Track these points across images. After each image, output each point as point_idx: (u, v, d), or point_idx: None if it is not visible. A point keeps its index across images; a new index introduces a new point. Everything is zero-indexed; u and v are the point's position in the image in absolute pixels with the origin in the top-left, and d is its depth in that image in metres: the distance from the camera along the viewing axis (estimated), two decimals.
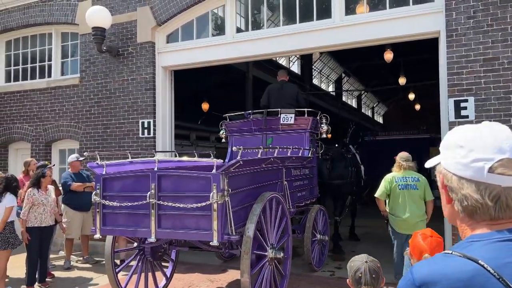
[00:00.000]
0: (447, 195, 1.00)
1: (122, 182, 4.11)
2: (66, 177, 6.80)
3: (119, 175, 4.12)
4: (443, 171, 1.00)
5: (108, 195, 4.10)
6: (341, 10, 6.43)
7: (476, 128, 1.00)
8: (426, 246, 2.05)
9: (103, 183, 4.13)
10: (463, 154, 0.96)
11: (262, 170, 4.52)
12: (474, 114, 5.38)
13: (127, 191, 4.03)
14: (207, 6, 7.37)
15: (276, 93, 6.93)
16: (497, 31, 5.31)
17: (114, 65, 7.81)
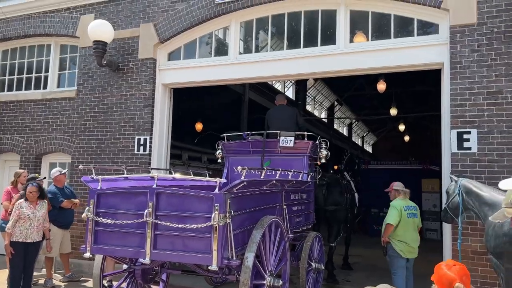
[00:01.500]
0: None
1: (117, 199, 3.92)
2: (56, 192, 6.53)
3: (115, 191, 3.94)
4: None
5: (101, 212, 3.91)
6: (346, 37, 6.46)
7: None
8: (454, 276, 1.96)
9: (97, 198, 3.94)
10: None
11: (263, 193, 4.38)
12: (476, 146, 5.35)
13: (122, 208, 3.83)
14: (211, 27, 7.37)
15: (275, 117, 6.88)
16: (501, 66, 5.34)
17: (113, 79, 7.70)
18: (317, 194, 7.13)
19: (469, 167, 5.37)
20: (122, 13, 7.82)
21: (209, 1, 7.13)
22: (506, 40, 5.35)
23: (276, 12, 7.04)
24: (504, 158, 5.22)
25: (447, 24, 5.72)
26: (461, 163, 5.42)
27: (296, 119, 6.76)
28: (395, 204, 5.51)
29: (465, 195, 4.64)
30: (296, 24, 6.94)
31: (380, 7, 6.26)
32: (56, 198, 6.44)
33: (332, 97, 24.31)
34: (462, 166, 5.41)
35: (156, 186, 3.69)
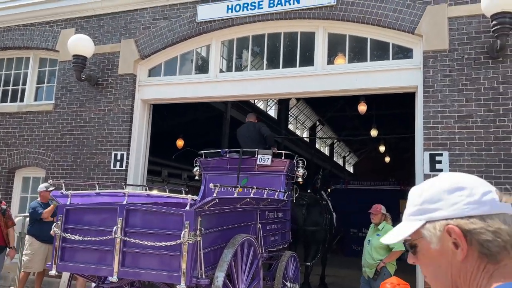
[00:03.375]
0: (465, 244, 0.86)
1: (86, 215, 3.85)
2: (36, 206, 6.41)
3: (84, 206, 3.87)
4: (451, 222, 0.87)
5: (70, 228, 3.82)
6: (324, 58, 6.60)
7: (451, 174, 0.97)
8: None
9: (66, 214, 3.86)
10: (468, 193, 0.89)
11: (236, 211, 4.37)
12: (448, 168, 5.46)
13: (91, 224, 3.76)
14: (193, 45, 7.43)
15: (243, 135, 6.92)
16: (471, 91, 5.52)
17: (91, 94, 7.65)
18: (297, 214, 7.13)
19: None
20: (103, 28, 7.83)
21: (190, 20, 7.21)
22: (476, 66, 5.55)
23: (257, 33, 7.16)
24: None
25: (421, 49, 5.91)
26: None
27: (259, 132, 6.78)
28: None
29: None
30: (276, 44, 7.06)
31: (357, 31, 6.43)
32: (36, 211, 6.32)
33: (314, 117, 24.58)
34: None
35: (126, 203, 3.64)
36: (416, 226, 0.93)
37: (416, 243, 0.94)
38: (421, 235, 0.92)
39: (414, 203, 0.96)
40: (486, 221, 0.86)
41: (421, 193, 0.95)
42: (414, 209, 0.95)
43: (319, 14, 6.43)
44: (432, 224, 0.90)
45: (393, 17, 6.00)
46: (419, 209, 0.94)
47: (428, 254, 0.92)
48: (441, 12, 5.76)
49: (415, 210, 0.95)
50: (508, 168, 5.23)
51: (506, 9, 5.00)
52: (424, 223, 0.92)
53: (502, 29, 5.07)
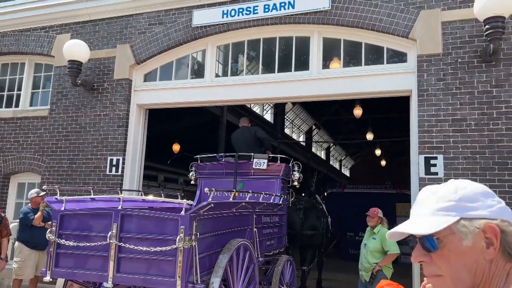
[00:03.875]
0: (498, 244, 0.92)
1: (81, 220, 3.83)
2: (27, 211, 6.36)
3: (79, 212, 3.86)
4: (491, 223, 0.92)
5: (64, 234, 3.81)
6: (319, 63, 6.63)
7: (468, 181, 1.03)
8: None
9: (61, 220, 3.84)
10: (498, 200, 0.97)
11: (232, 215, 4.37)
12: (443, 171, 5.49)
13: (86, 230, 3.74)
14: (188, 50, 7.45)
15: (237, 139, 6.94)
16: (465, 94, 5.56)
17: (87, 99, 7.65)
18: (294, 218, 7.13)
19: None
20: (99, 34, 7.84)
21: (186, 25, 7.24)
22: (470, 70, 5.59)
23: (252, 38, 7.19)
24: None
25: (415, 53, 5.95)
26: None
27: (255, 135, 6.80)
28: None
29: None
30: (272, 49, 7.09)
31: (351, 35, 6.46)
32: (27, 217, 6.26)
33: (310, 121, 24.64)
34: None
35: (121, 208, 3.63)
36: (451, 221, 0.93)
37: (442, 238, 0.93)
38: (453, 230, 0.93)
39: (447, 198, 0.96)
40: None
41: (455, 191, 0.97)
42: (447, 204, 0.95)
43: (314, 19, 6.46)
44: (468, 221, 0.92)
45: (387, 22, 6.05)
46: (456, 205, 0.95)
47: (457, 250, 0.93)
48: (435, 17, 5.81)
49: (449, 205, 0.95)
50: (502, 171, 5.27)
51: (498, 13, 5.05)
52: (459, 219, 0.93)
53: (495, 33, 5.12)
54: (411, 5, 5.98)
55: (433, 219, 0.95)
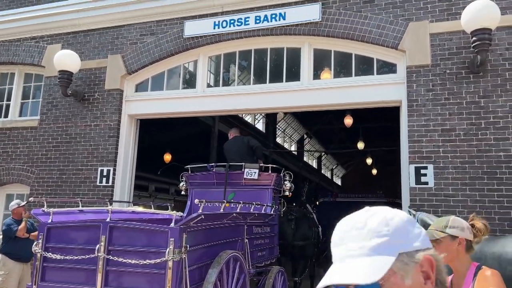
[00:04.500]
0: (434, 275, 0.86)
1: (69, 233, 3.77)
2: (10, 223, 6.26)
3: (66, 224, 3.81)
4: (427, 252, 0.86)
5: (51, 247, 3.74)
6: (310, 74, 6.67)
7: (384, 208, 0.93)
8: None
9: (47, 232, 3.78)
10: (418, 226, 0.91)
11: (223, 226, 4.34)
12: (433, 181, 5.53)
13: (74, 243, 3.68)
14: (180, 60, 7.46)
15: (230, 149, 6.93)
16: (454, 105, 5.62)
17: (77, 109, 7.61)
18: (285, 229, 7.11)
19: (427, 201, 5.53)
20: (90, 44, 7.83)
21: (177, 35, 7.26)
22: (458, 81, 5.66)
23: (244, 48, 7.22)
24: (458, 193, 5.41)
25: (404, 64, 6.02)
26: (419, 197, 5.57)
27: (248, 144, 6.80)
28: None
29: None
30: (263, 60, 7.13)
31: (342, 46, 6.53)
32: (10, 229, 6.16)
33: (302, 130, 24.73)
34: (420, 200, 5.56)
35: (109, 220, 3.59)
36: (391, 261, 0.80)
37: (384, 283, 0.79)
38: (394, 270, 0.80)
39: (379, 233, 0.83)
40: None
41: (386, 223, 0.84)
42: (382, 240, 0.82)
43: (305, 30, 6.52)
44: (407, 257, 0.82)
45: (376, 33, 6.12)
46: (391, 240, 0.82)
47: None
48: (423, 29, 5.90)
49: (384, 241, 0.82)
50: (491, 180, 5.31)
51: (485, 25, 5.14)
52: (398, 256, 0.81)
53: (482, 45, 5.20)
54: (400, 17, 6.06)
55: (370, 262, 0.81)
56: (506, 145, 5.33)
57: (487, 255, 4.06)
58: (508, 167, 5.28)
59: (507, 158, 5.29)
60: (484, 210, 5.26)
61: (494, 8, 5.13)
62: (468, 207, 5.32)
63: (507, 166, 5.28)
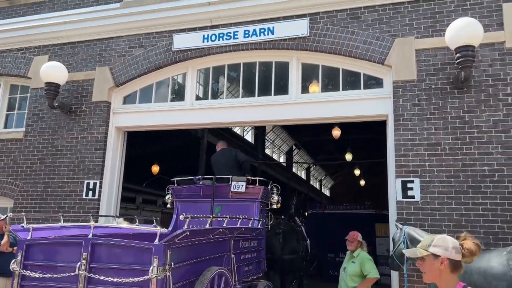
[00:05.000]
0: None
1: (49, 250, 3.62)
2: None
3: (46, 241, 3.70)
4: None
5: (30, 264, 3.62)
6: (298, 87, 6.72)
7: None
8: None
9: (26, 249, 3.67)
10: None
11: (209, 242, 4.30)
12: (419, 195, 5.57)
13: (54, 260, 3.55)
14: (169, 73, 7.46)
15: (217, 161, 6.91)
16: (439, 119, 5.70)
17: (64, 121, 7.54)
18: (273, 242, 7.05)
19: (413, 215, 5.56)
20: (77, 56, 7.79)
21: (166, 48, 7.27)
22: (443, 96, 5.75)
23: (232, 62, 7.25)
24: (444, 207, 5.46)
25: (391, 79, 6.09)
26: (406, 211, 5.60)
27: (236, 158, 6.79)
28: (368, 256, 5.68)
29: (410, 243, 4.76)
30: (252, 73, 7.16)
31: (329, 61, 6.59)
32: None
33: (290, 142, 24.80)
34: (407, 213, 5.59)
35: (91, 236, 3.52)
36: None
37: None
38: None
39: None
40: None
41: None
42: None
43: (293, 45, 6.58)
44: None
45: (363, 49, 6.20)
46: None
47: None
48: (409, 45, 5.99)
49: None
50: (475, 194, 5.38)
51: (468, 42, 5.24)
52: None
53: (466, 62, 5.30)
54: (386, 33, 6.16)
55: None
56: (490, 160, 5.40)
57: (473, 270, 4.08)
58: (492, 181, 5.35)
59: (491, 172, 5.37)
60: (469, 224, 5.31)
61: (477, 26, 5.24)
62: (453, 221, 5.37)
63: (491, 180, 5.35)
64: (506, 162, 5.33)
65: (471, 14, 5.77)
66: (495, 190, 5.30)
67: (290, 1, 6.62)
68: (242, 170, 6.67)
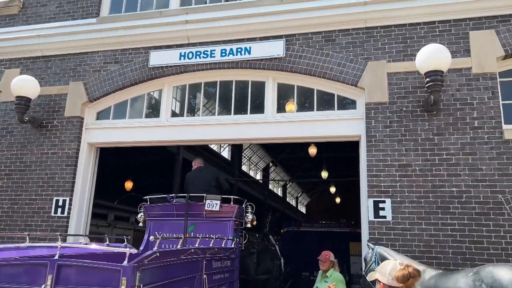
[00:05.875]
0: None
1: (12, 271, 3.49)
2: None
3: (9, 262, 3.56)
4: None
5: None
6: (274, 107, 6.78)
7: None
8: None
9: None
10: None
11: (180, 262, 4.23)
12: (391, 215, 5.66)
13: (18, 282, 3.40)
14: (144, 89, 7.42)
15: (194, 179, 6.85)
16: (410, 141, 5.85)
17: (34, 137, 7.35)
18: (247, 262, 6.99)
19: (385, 235, 5.63)
20: (50, 70, 7.66)
21: (142, 65, 7.24)
22: (414, 118, 5.91)
23: (209, 80, 7.28)
24: (415, 227, 5.55)
25: (363, 101, 6.23)
26: (377, 231, 5.67)
27: (217, 179, 6.76)
28: (341, 277, 5.71)
29: (381, 262, 4.81)
30: (228, 91, 7.19)
31: (304, 82, 6.70)
32: None
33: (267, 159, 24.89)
34: (379, 233, 5.66)
35: (58, 257, 3.41)
36: None
37: None
38: None
39: None
40: None
41: None
42: None
43: (269, 65, 6.67)
44: None
45: (337, 71, 6.34)
46: None
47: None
48: (381, 68, 6.17)
49: None
50: (444, 215, 5.50)
51: (437, 67, 5.44)
52: None
53: (435, 86, 5.49)
54: (360, 56, 6.32)
55: None
56: (458, 181, 5.56)
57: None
58: (460, 202, 5.49)
59: (459, 193, 5.52)
60: (438, 244, 5.42)
61: (445, 52, 5.45)
62: (423, 241, 5.46)
63: (459, 201, 5.50)
64: (473, 184, 5.50)
65: (440, 41, 6.01)
66: (463, 211, 5.45)
67: (267, 22, 6.73)
68: (220, 190, 6.61)
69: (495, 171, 5.49)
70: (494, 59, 5.84)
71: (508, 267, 3.83)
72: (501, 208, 5.36)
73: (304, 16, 6.58)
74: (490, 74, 5.82)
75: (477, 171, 5.54)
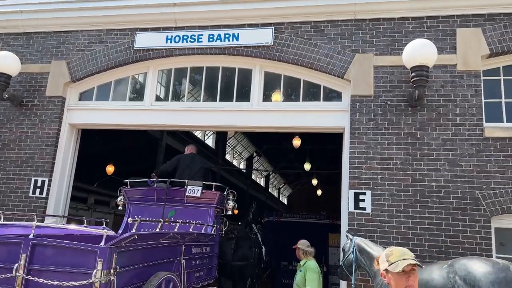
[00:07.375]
0: None
1: None
2: None
3: None
4: None
5: None
6: (260, 95, 6.75)
7: None
8: None
9: None
10: None
11: (158, 246, 4.21)
12: (371, 207, 5.72)
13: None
14: (129, 71, 7.29)
15: (187, 163, 6.80)
16: (392, 135, 5.90)
17: (14, 115, 7.17)
18: (225, 248, 7.02)
19: (364, 226, 5.70)
20: (32, 47, 7.46)
21: (127, 46, 7.11)
22: (397, 113, 5.96)
23: (196, 65, 7.20)
24: (393, 219, 5.63)
25: (349, 93, 6.25)
26: (357, 222, 5.74)
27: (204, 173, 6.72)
28: (313, 266, 5.68)
29: (359, 253, 4.86)
30: (214, 78, 7.12)
31: (291, 71, 6.67)
32: None
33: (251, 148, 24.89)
34: (358, 225, 5.72)
35: (32, 236, 3.35)
36: None
37: None
38: None
39: None
40: None
41: None
42: None
43: (257, 53, 6.62)
44: None
45: (324, 62, 6.33)
46: None
47: None
48: (368, 61, 6.18)
49: None
50: (423, 209, 5.59)
51: (423, 63, 5.48)
52: None
53: (420, 81, 5.53)
54: (347, 48, 6.32)
55: None
56: (438, 176, 5.64)
57: None
58: (438, 196, 5.58)
59: (438, 188, 5.60)
60: (415, 237, 5.51)
61: (431, 48, 5.49)
62: (401, 234, 5.55)
63: (437, 196, 5.59)
64: (452, 179, 5.59)
65: (427, 36, 6.05)
66: (441, 205, 5.54)
67: (256, 9, 6.66)
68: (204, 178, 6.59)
69: (474, 167, 5.59)
70: (479, 57, 5.91)
71: (481, 261, 3.91)
72: (477, 203, 5.47)
73: (293, 4, 6.53)
74: (475, 72, 5.89)
75: (457, 167, 5.62)
